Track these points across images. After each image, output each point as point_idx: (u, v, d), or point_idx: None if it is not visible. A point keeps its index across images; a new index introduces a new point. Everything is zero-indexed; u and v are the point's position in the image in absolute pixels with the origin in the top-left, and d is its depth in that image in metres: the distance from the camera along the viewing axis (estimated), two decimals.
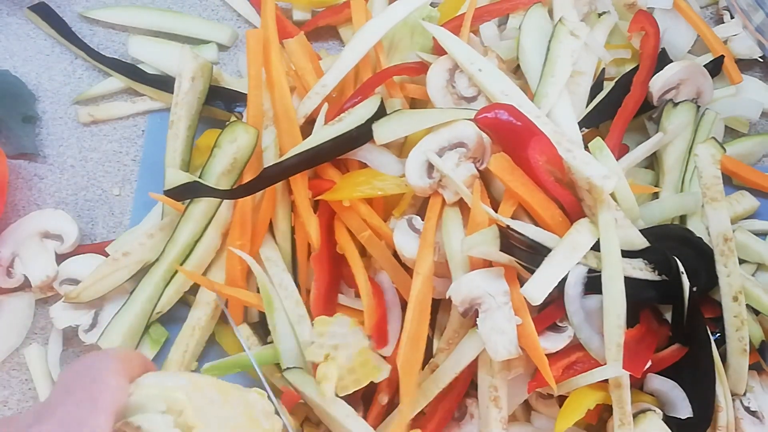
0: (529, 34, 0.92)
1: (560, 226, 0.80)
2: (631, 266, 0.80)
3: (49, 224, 0.95)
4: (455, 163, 0.81)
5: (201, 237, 0.90)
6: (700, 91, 0.95)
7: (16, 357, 0.94)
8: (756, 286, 0.86)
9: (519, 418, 0.84)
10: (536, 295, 0.74)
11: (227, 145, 0.88)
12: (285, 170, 0.85)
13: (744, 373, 0.83)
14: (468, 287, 0.76)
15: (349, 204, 0.84)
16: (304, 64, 0.93)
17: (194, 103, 0.96)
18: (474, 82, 0.88)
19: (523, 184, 0.79)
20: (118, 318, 0.89)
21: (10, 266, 0.94)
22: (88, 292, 0.90)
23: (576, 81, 0.91)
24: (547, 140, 0.80)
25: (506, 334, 0.74)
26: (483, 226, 0.78)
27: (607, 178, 0.77)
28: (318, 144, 0.84)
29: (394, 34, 0.96)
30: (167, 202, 0.91)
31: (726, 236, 0.84)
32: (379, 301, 0.83)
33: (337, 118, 0.86)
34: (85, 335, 0.90)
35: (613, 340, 0.76)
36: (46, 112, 1.05)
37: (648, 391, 0.82)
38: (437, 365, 0.81)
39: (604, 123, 0.92)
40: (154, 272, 0.90)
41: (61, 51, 1.09)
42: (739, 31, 1.04)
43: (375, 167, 0.86)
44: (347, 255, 0.85)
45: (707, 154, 0.87)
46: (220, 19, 1.11)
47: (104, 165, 1.03)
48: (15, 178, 1.01)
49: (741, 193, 0.97)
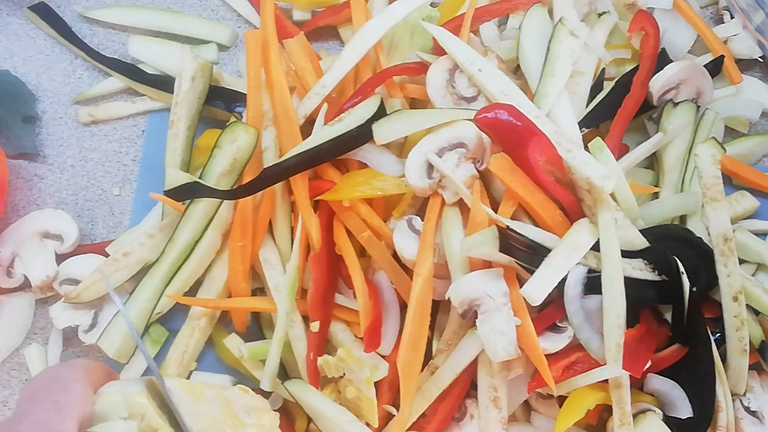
0: (529, 34, 0.92)
1: (560, 226, 0.80)
2: (630, 266, 0.80)
3: (49, 224, 0.95)
4: (455, 164, 0.81)
5: (201, 238, 0.90)
6: (700, 91, 0.95)
7: (16, 357, 0.94)
8: (756, 286, 0.86)
9: (519, 419, 0.84)
10: (536, 296, 0.74)
11: (227, 146, 0.88)
12: (285, 170, 0.85)
13: (744, 373, 0.83)
14: (467, 288, 0.76)
15: (349, 204, 0.84)
16: (304, 65, 0.93)
17: (194, 103, 0.96)
18: (474, 82, 0.88)
19: (523, 185, 0.79)
20: (117, 318, 0.89)
21: (10, 266, 0.94)
22: (88, 292, 0.90)
23: (576, 81, 0.91)
24: (547, 140, 0.80)
25: (505, 335, 0.74)
26: (483, 227, 0.78)
27: (607, 178, 0.77)
28: (318, 144, 0.84)
29: (394, 34, 0.96)
30: (167, 203, 0.91)
31: (726, 236, 0.84)
32: (375, 303, 0.83)
33: (337, 119, 0.86)
34: (85, 335, 0.90)
35: (613, 340, 0.76)
36: (46, 112, 1.05)
37: (648, 391, 0.82)
38: (437, 367, 0.81)
39: (604, 123, 0.92)
40: (154, 273, 0.90)
41: (61, 51, 1.09)
42: (739, 31, 1.04)
43: (375, 167, 0.86)
44: (345, 256, 0.85)
45: (707, 154, 0.87)
46: (220, 19, 1.11)
47: (104, 165, 1.03)
48: (15, 178, 1.01)
49: (741, 193, 0.97)
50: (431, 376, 0.80)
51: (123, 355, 0.89)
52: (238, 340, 0.89)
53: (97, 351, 0.91)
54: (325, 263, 0.86)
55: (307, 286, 0.87)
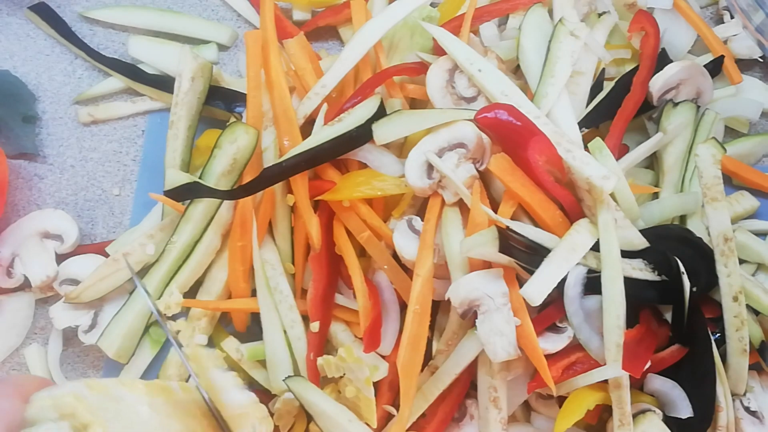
0: (529, 34, 0.92)
1: (560, 226, 0.80)
2: (630, 266, 0.80)
3: (49, 224, 0.96)
4: (455, 164, 0.81)
5: (201, 238, 0.90)
6: (700, 91, 0.95)
7: (16, 357, 0.94)
8: (756, 286, 0.86)
9: (519, 419, 0.84)
10: (535, 296, 0.74)
11: (227, 146, 0.88)
12: (285, 171, 0.85)
13: (744, 373, 0.83)
14: (467, 289, 0.76)
15: (349, 204, 0.84)
16: (304, 65, 0.93)
17: (194, 103, 0.96)
18: (474, 82, 0.88)
19: (523, 185, 0.79)
20: (117, 319, 0.89)
21: (10, 266, 0.94)
22: (88, 292, 0.90)
23: (576, 81, 0.91)
24: (547, 140, 0.80)
25: (505, 336, 0.74)
26: (483, 227, 0.78)
27: (607, 179, 0.77)
28: (318, 144, 0.84)
29: (394, 34, 0.96)
30: (167, 203, 0.91)
31: (726, 236, 0.84)
32: (375, 303, 0.83)
33: (337, 119, 0.86)
34: (85, 336, 0.90)
35: (613, 340, 0.76)
36: (46, 112, 1.05)
37: (648, 391, 0.82)
38: (437, 367, 0.81)
39: (604, 123, 0.92)
40: (155, 273, 0.90)
41: (61, 51, 1.09)
42: (739, 31, 1.04)
43: (375, 168, 0.86)
44: (344, 256, 0.85)
45: (708, 155, 0.87)
46: (220, 19, 1.11)
47: (104, 165, 1.03)
48: (15, 178, 1.01)
49: (741, 193, 0.97)
50: (431, 377, 0.80)
51: (123, 356, 0.89)
52: (235, 342, 0.89)
53: (97, 351, 0.91)
54: (325, 263, 0.86)
55: (307, 286, 0.87)
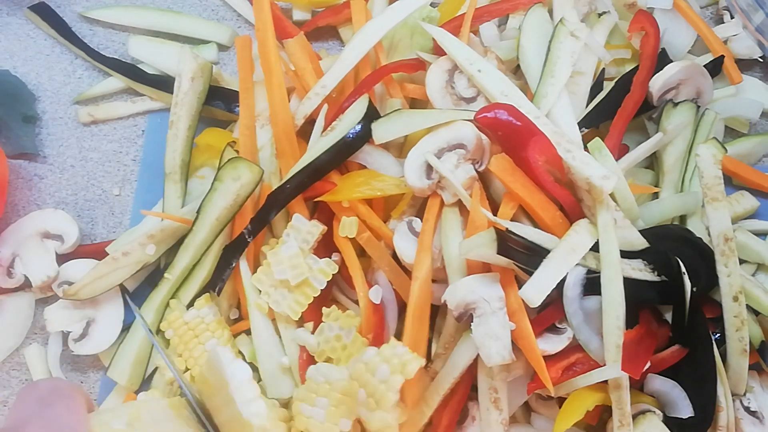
0: (529, 34, 0.92)
1: (560, 227, 0.80)
2: (630, 267, 0.80)
3: (49, 224, 0.96)
4: (454, 165, 0.81)
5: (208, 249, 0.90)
6: (700, 91, 0.95)
7: (16, 357, 0.94)
8: (756, 286, 0.86)
9: (519, 420, 0.84)
10: (535, 297, 0.74)
11: (230, 182, 0.88)
12: (290, 193, 0.86)
13: (744, 374, 0.83)
14: (463, 292, 0.76)
15: (349, 205, 0.84)
16: (304, 65, 0.93)
17: (194, 103, 0.96)
18: (473, 82, 0.87)
19: (523, 185, 0.79)
20: (123, 347, 0.89)
21: (10, 266, 0.94)
22: (86, 290, 0.89)
23: (576, 81, 0.91)
24: (547, 140, 0.80)
25: (500, 340, 0.74)
26: (482, 229, 0.77)
27: (607, 179, 0.77)
28: (315, 157, 0.84)
29: (394, 34, 0.96)
30: (173, 219, 0.91)
31: (726, 236, 0.84)
32: (376, 307, 0.83)
33: (330, 127, 0.86)
34: (74, 344, 0.90)
35: (612, 341, 0.76)
36: (46, 112, 1.05)
37: (648, 391, 0.82)
38: (436, 372, 0.81)
39: (604, 123, 0.92)
40: (154, 298, 0.90)
41: (61, 51, 1.09)
42: (739, 31, 1.04)
43: (374, 168, 0.86)
44: (345, 257, 0.85)
45: (709, 155, 0.87)
46: (220, 19, 1.11)
47: (104, 165, 1.03)
48: (15, 178, 1.01)
49: (741, 193, 0.97)
50: (431, 383, 0.80)
51: (134, 383, 0.89)
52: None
53: (94, 357, 0.91)
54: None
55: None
